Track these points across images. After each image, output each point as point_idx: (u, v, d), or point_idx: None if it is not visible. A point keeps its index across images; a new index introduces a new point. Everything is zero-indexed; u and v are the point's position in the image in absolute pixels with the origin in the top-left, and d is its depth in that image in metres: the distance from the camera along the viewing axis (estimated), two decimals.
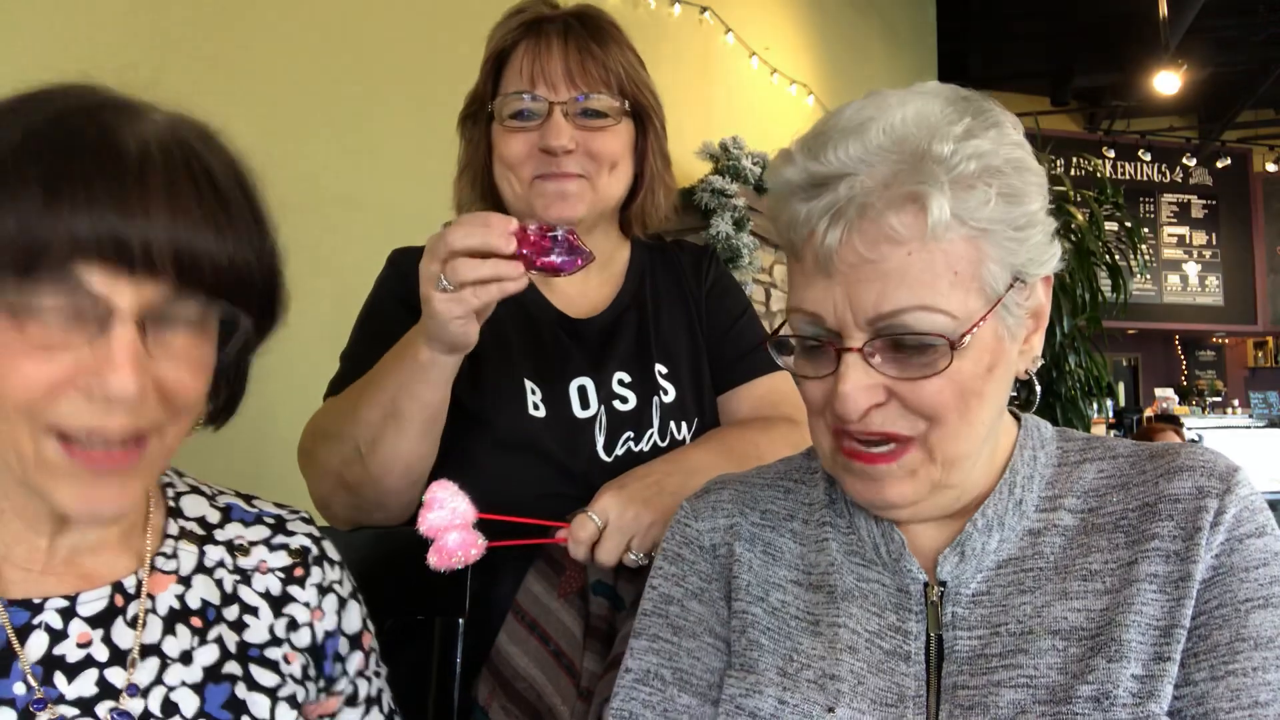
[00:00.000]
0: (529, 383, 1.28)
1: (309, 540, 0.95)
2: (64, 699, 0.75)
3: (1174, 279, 10.20)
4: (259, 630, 0.87)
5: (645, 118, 1.32)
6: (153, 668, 0.80)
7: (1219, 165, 10.18)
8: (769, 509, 0.95)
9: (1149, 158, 10.09)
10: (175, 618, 0.83)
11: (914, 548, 0.86)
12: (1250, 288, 10.32)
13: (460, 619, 1.18)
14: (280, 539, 0.94)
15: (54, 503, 0.74)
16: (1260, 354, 10.69)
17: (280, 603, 0.90)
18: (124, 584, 0.82)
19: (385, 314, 1.29)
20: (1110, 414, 7.45)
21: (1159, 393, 9.47)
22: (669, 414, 1.31)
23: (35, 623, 0.77)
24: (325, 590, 0.93)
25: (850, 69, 5.87)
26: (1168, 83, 7.72)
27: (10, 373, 0.68)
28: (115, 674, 0.78)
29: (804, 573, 0.90)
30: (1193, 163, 10.10)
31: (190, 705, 0.80)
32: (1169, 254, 10.21)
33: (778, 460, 1.02)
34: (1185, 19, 6.60)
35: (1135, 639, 0.75)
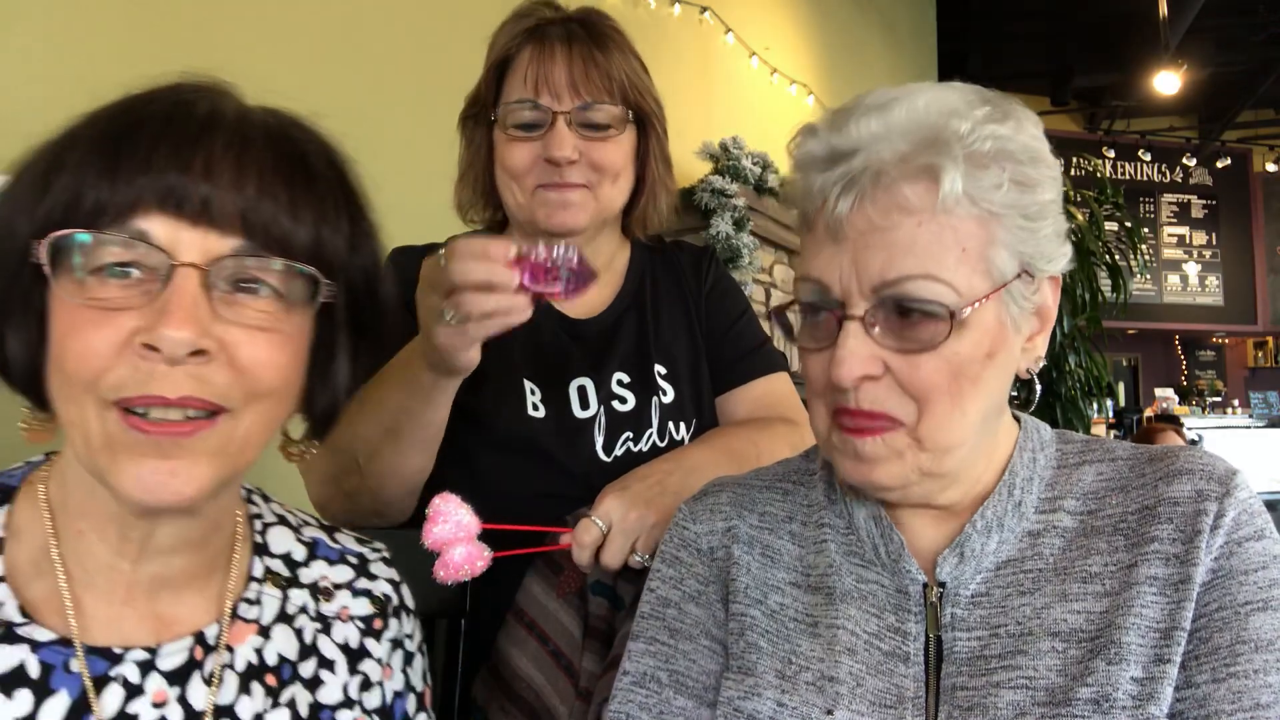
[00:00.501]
0: (528, 383, 1.28)
1: (390, 587, 0.92)
2: None
3: (1174, 279, 10.20)
4: (333, 689, 0.83)
5: (647, 123, 1.32)
6: None
7: (1219, 165, 10.18)
8: (767, 511, 0.95)
9: (1149, 158, 10.09)
10: (251, 674, 0.79)
11: (913, 548, 0.85)
12: (1250, 288, 10.32)
13: (461, 619, 1.19)
14: (363, 583, 0.90)
15: (114, 483, 0.68)
16: (1260, 354, 10.69)
17: (356, 658, 0.86)
18: (205, 634, 0.78)
19: None
20: (1110, 414, 7.45)
21: (1159, 393, 9.47)
22: (668, 414, 1.31)
23: (113, 675, 0.72)
24: (397, 645, 0.90)
25: (850, 69, 5.86)
26: (1168, 83, 7.73)
27: (72, 342, 0.66)
28: None
29: (803, 574, 0.90)
30: (1193, 163, 10.10)
31: None
32: (1169, 254, 10.21)
33: (776, 462, 1.02)
34: (1185, 19, 6.60)
35: (1135, 642, 0.75)
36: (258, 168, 0.70)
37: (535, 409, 1.27)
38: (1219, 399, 10.28)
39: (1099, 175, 8.57)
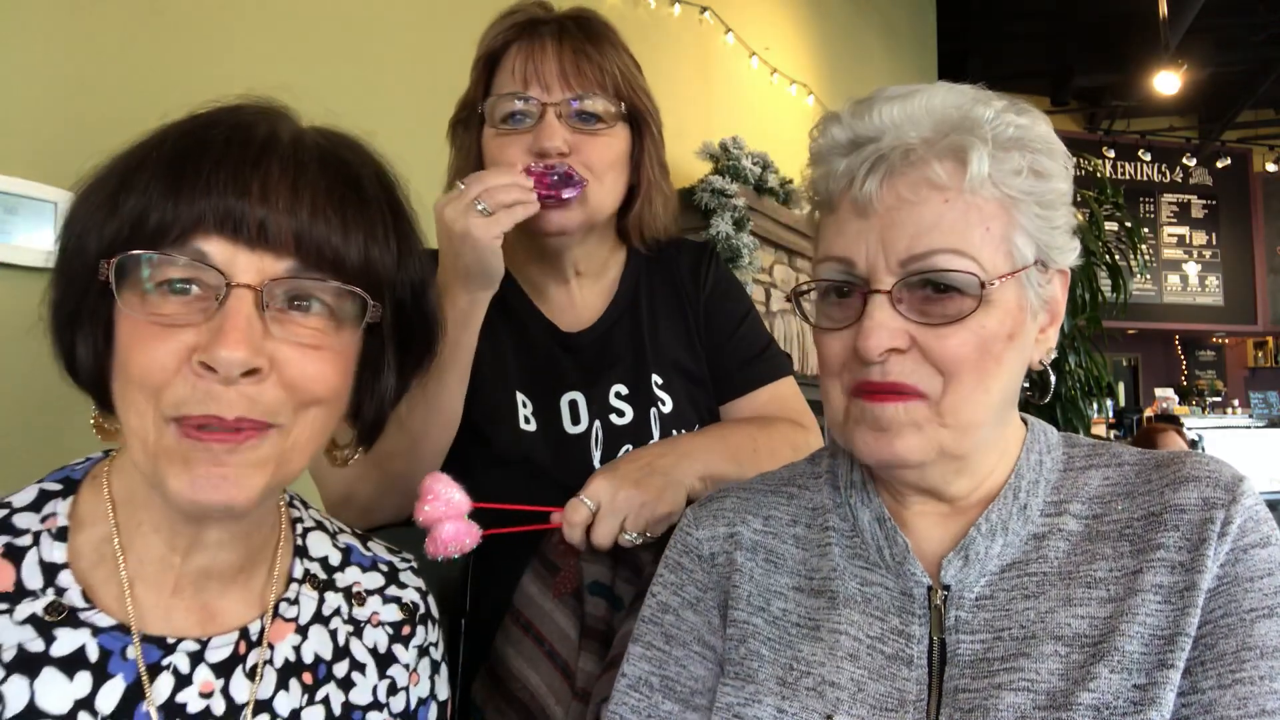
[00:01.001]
0: (520, 395, 1.28)
1: (418, 595, 0.96)
2: None
3: (1174, 279, 10.20)
4: (364, 690, 0.87)
5: (642, 123, 1.29)
6: None
7: (1219, 165, 10.18)
8: (772, 515, 0.95)
9: (1149, 158, 10.09)
10: (289, 671, 0.82)
11: (918, 551, 0.86)
12: (1250, 288, 10.32)
13: (461, 619, 1.19)
14: (393, 590, 0.94)
15: (167, 488, 0.71)
16: (1260, 354, 10.68)
17: (385, 662, 0.90)
18: (249, 630, 0.81)
19: None
20: (1110, 414, 7.46)
21: (1159, 393, 9.47)
22: (668, 425, 1.30)
23: (165, 664, 0.75)
24: (423, 652, 0.94)
25: (850, 69, 5.86)
26: (1168, 83, 7.73)
27: (137, 354, 0.70)
28: None
29: (805, 578, 0.90)
30: (1193, 163, 10.10)
31: None
32: (1169, 254, 10.21)
33: (783, 466, 1.02)
34: (1185, 19, 6.60)
35: (1138, 650, 0.75)
36: (311, 191, 0.73)
37: (526, 422, 1.26)
38: (1219, 399, 10.28)
39: (1099, 175, 8.57)
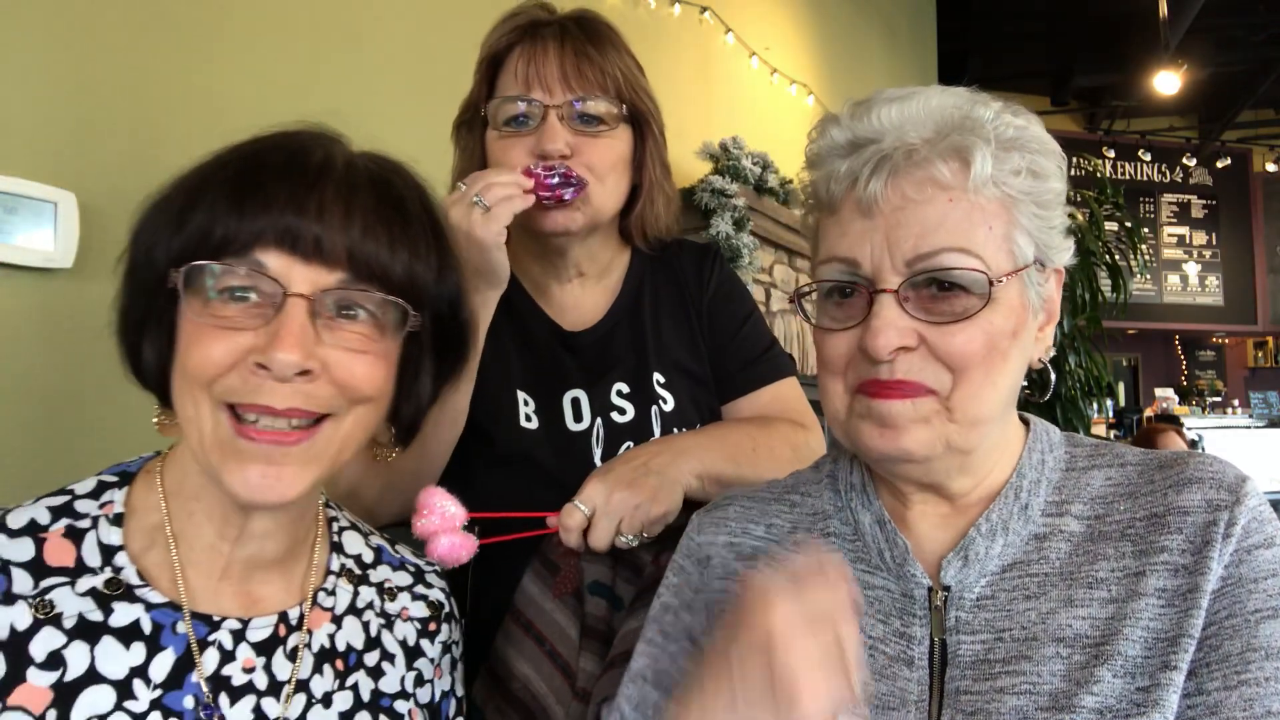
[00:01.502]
0: (522, 394, 1.28)
1: (443, 595, 1.01)
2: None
3: (1174, 279, 10.20)
4: (393, 679, 0.92)
5: (644, 124, 1.30)
6: (299, 705, 0.85)
7: (1219, 165, 10.19)
8: (774, 523, 0.95)
9: (1149, 158, 10.09)
10: (324, 657, 0.88)
11: (918, 553, 0.86)
12: (1250, 288, 10.32)
13: (461, 619, 1.19)
14: (421, 589, 1.00)
15: (224, 482, 0.78)
16: (1260, 354, 10.68)
17: (413, 655, 0.95)
18: (289, 615, 0.88)
19: None
20: (1110, 414, 7.46)
21: (1159, 393, 9.47)
22: (670, 423, 1.30)
23: (211, 639, 0.82)
24: (447, 649, 0.99)
25: (850, 69, 5.86)
26: (1168, 83, 7.73)
27: (195, 350, 0.76)
28: (270, 705, 0.83)
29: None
30: (1193, 163, 10.10)
31: None
32: (1169, 254, 10.22)
33: (789, 475, 1.02)
34: (1185, 19, 6.60)
35: (1140, 653, 0.75)
36: (362, 211, 0.80)
37: (528, 420, 1.27)
38: (1219, 399, 10.28)
39: (1099, 175, 8.57)
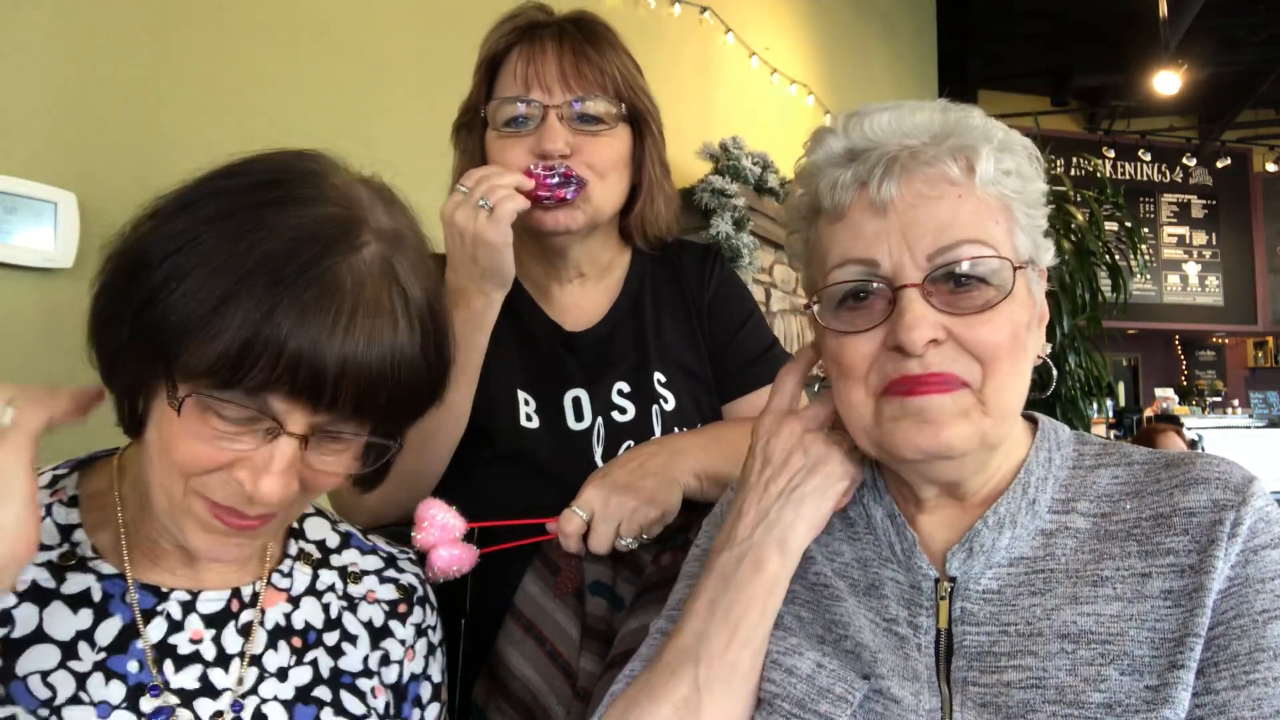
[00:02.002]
0: (522, 394, 1.29)
1: (416, 580, 1.01)
2: (168, 686, 0.83)
3: (1174, 279, 10.20)
4: (354, 659, 0.93)
5: (643, 123, 1.30)
6: (251, 677, 0.86)
7: (1219, 165, 10.18)
8: None
9: (1149, 158, 10.09)
10: (279, 634, 0.90)
11: (926, 546, 0.88)
12: (1250, 288, 10.32)
13: (461, 620, 1.19)
14: (391, 573, 1.00)
15: (184, 542, 0.82)
16: (1260, 354, 10.68)
17: (380, 635, 0.95)
18: (241, 591, 0.90)
19: None
20: (1110, 414, 7.45)
21: (1159, 393, 9.47)
22: (671, 422, 1.30)
23: (159, 609, 0.85)
24: (421, 632, 0.98)
25: (850, 69, 5.87)
26: (1168, 83, 7.73)
27: (183, 446, 0.77)
28: (217, 675, 0.85)
29: (827, 560, 0.93)
30: (1193, 163, 10.10)
31: (278, 719, 0.86)
32: (1169, 254, 10.21)
33: None
34: (1185, 19, 6.60)
35: (1148, 653, 0.76)
36: (372, 393, 0.78)
37: (528, 419, 1.27)
38: (1219, 399, 10.28)
39: (1099, 175, 8.56)
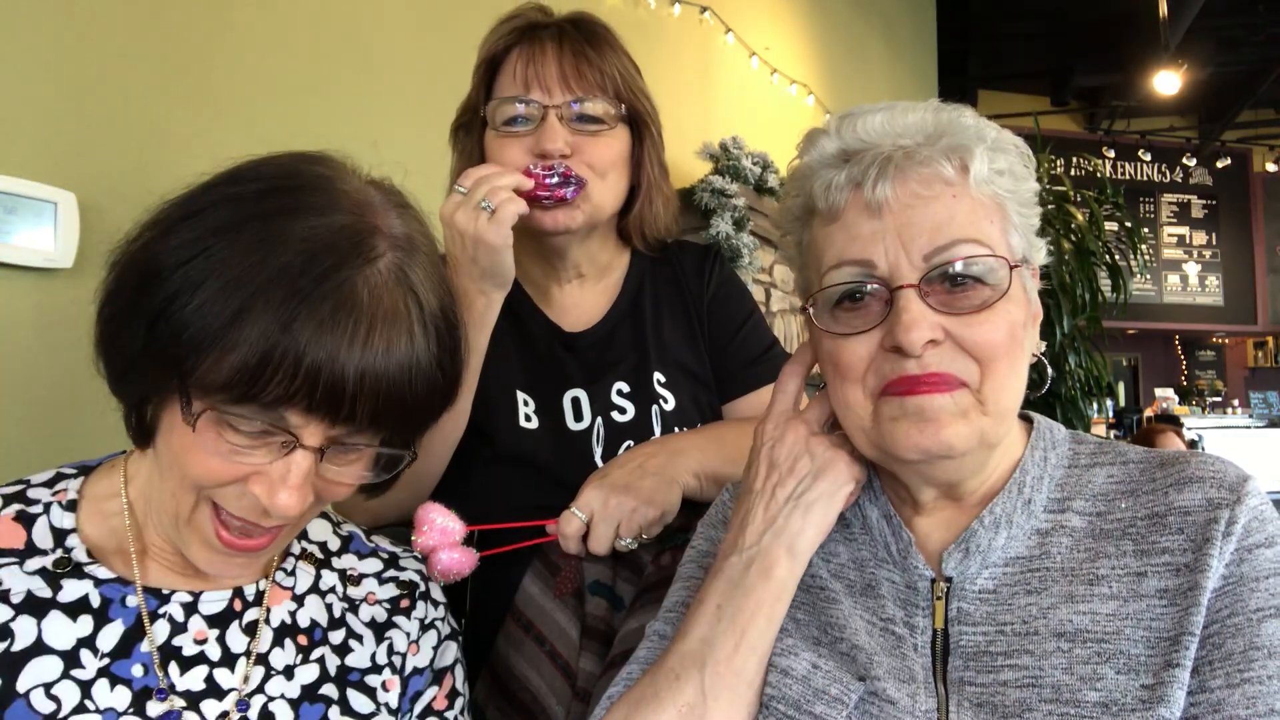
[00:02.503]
0: (522, 395, 1.29)
1: (418, 576, 1.01)
2: (174, 689, 0.82)
3: (1174, 279, 10.20)
4: (362, 655, 0.92)
5: (642, 125, 1.31)
6: (257, 676, 0.86)
7: (1219, 165, 10.18)
8: None
9: (1149, 158, 10.09)
10: (285, 632, 0.90)
11: (921, 546, 0.88)
12: (1250, 288, 10.32)
13: (461, 620, 1.19)
14: (391, 573, 1.00)
15: (189, 556, 0.83)
16: (1260, 354, 10.68)
17: (384, 629, 0.96)
18: (244, 591, 0.89)
19: None
20: (1110, 414, 7.45)
21: (1159, 393, 9.47)
22: (670, 422, 1.31)
23: (161, 611, 0.84)
24: (427, 627, 0.98)
25: (850, 69, 5.86)
26: (1168, 83, 7.72)
27: (196, 460, 0.77)
28: (223, 675, 0.85)
29: (823, 560, 0.93)
30: (1193, 163, 10.10)
31: (285, 719, 0.85)
32: (1169, 254, 10.21)
33: None
34: (1185, 19, 6.60)
35: (1143, 652, 0.76)
36: (389, 405, 0.78)
37: (527, 420, 1.28)
38: (1219, 399, 10.28)
39: (1099, 175, 8.56)
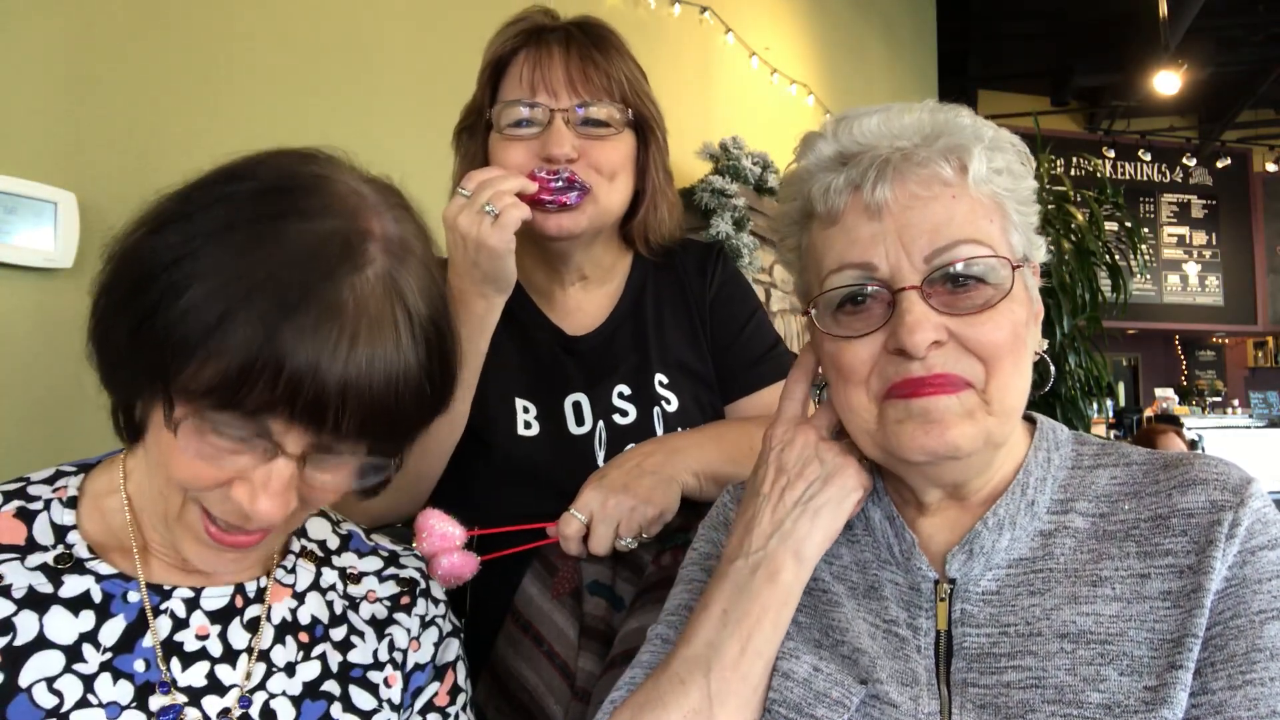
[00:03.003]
0: (521, 401, 1.29)
1: (418, 574, 1.01)
2: (176, 685, 0.82)
3: (1174, 279, 10.20)
4: (363, 652, 0.93)
5: (647, 129, 1.31)
6: (259, 673, 0.86)
7: (1219, 165, 10.18)
8: None
9: (1149, 158, 10.09)
10: (286, 629, 0.89)
11: (925, 548, 0.88)
12: (1250, 288, 10.32)
13: (461, 619, 1.19)
14: (391, 570, 0.99)
15: (182, 553, 0.83)
16: (1260, 354, 10.68)
17: (385, 625, 0.95)
18: (245, 588, 0.89)
19: None
20: (1110, 414, 7.45)
21: (1159, 393, 9.47)
22: (673, 423, 1.30)
23: (163, 607, 0.84)
24: (428, 624, 0.98)
25: (850, 69, 5.86)
26: (1168, 83, 7.72)
27: (181, 462, 0.76)
28: (224, 671, 0.85)
29: (826, 563, 0.93)
30: (1193, 163, 10.10)
31: (286, 715, 0.85)
32: (1169, 254, 10.21)
33: None
34: (1185, 19, 6.60)
35: (1146, 654, 0.76)
36: (374, 415, 0.76)
37: (527, 427, 1.27)
38: (1219, 399, 10.28)
39: (1099, 175, 8.57)
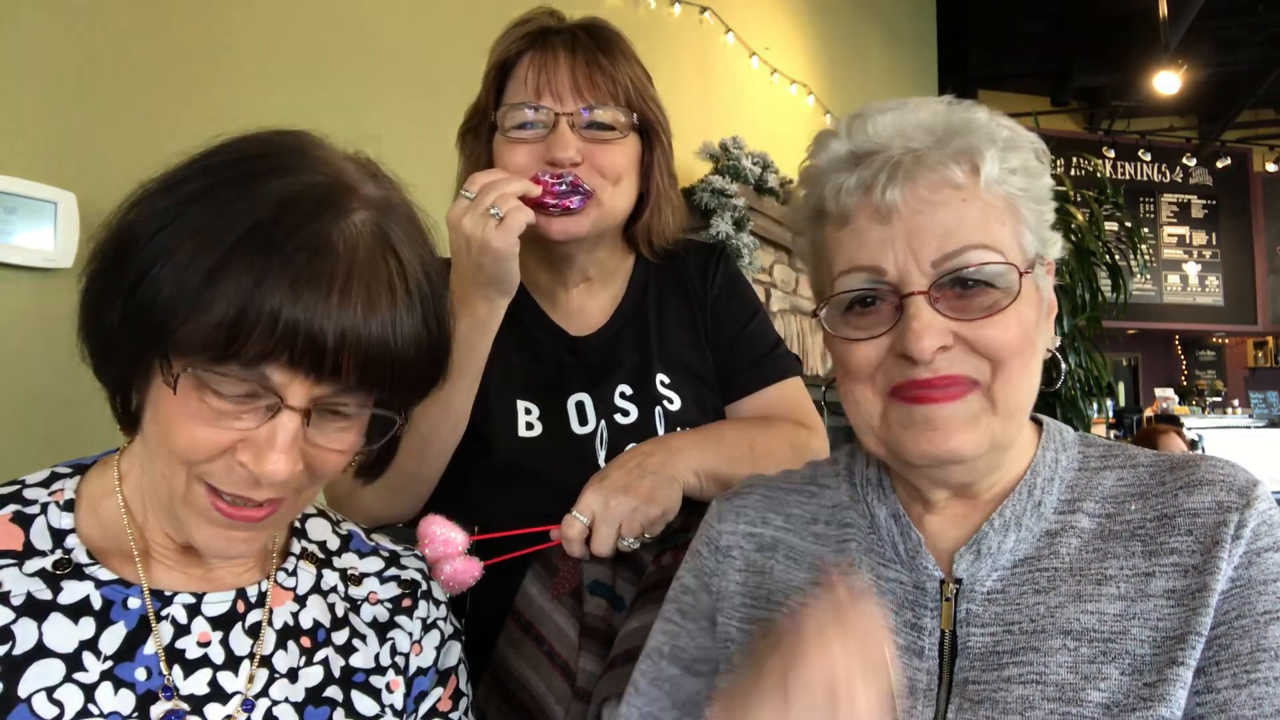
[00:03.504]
0: (523, 402, 1.29)
1: (419, 575, 1.00)
2: (178, 692, 0.81)
3: (1174, 279, 10.20)
4: (365, 656, 0.92)
5: (652, 133, 1.30)
6: (261, 679, 0.85)
7: (1219, 165, 10.18)
8: (793, 513, 0.97)
9: (1149, 158, 10.09)
10: (288, 634, 0.88)
11: (931, 546, 0.87)
12: (1250, 288, 10.32)
13: (462, 621, 1.19)
14: (392, 571, 0.99)
15: (190, 537, 0.81)
16: (1260, 354, 10.68)
17: (386, 628, 0.95)
18: (246, 592, 0.88)
19: None
20: (1110, 414, 7.45)
21: (1159, 393, 9.47)
22: (675, 423, 1.30)
23: (164, 613, 0.83)
24: (429, 626, 0.98)
25: (850, 69, 5.86)
26: (1168, 83, 7.72)
27: (182, 431, 0.75)
28: (227, 678, 0.83)
29: (824, 573, 0.92)
30: (1193, 163, 10.09)
31: None
32: (1169, 254, 10.21)
33: (806, 464, 1.04)
34: (1185, 19, 6.60)
35: (1149, 652, 0.76)
36: (374, 362, 0.76)
37: (529, 428, 1.27)
38: (1219, 399, 10.28)
39: (1099, 175, 8.57)
